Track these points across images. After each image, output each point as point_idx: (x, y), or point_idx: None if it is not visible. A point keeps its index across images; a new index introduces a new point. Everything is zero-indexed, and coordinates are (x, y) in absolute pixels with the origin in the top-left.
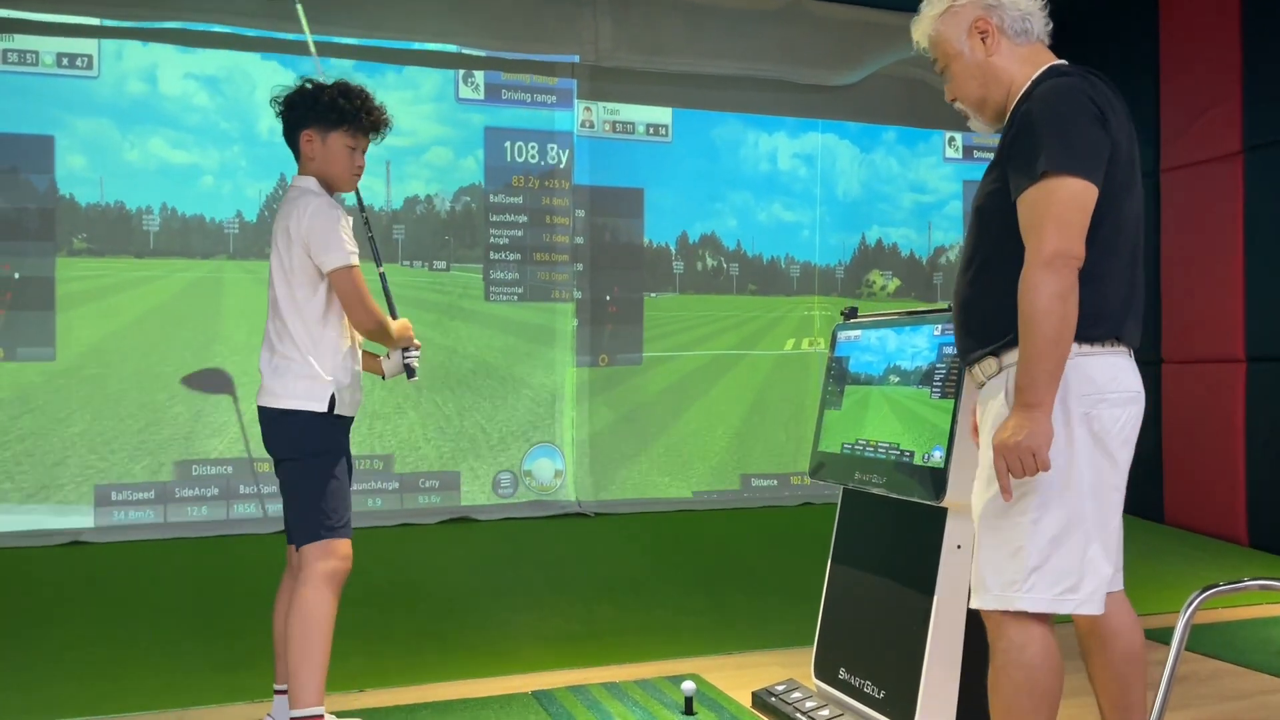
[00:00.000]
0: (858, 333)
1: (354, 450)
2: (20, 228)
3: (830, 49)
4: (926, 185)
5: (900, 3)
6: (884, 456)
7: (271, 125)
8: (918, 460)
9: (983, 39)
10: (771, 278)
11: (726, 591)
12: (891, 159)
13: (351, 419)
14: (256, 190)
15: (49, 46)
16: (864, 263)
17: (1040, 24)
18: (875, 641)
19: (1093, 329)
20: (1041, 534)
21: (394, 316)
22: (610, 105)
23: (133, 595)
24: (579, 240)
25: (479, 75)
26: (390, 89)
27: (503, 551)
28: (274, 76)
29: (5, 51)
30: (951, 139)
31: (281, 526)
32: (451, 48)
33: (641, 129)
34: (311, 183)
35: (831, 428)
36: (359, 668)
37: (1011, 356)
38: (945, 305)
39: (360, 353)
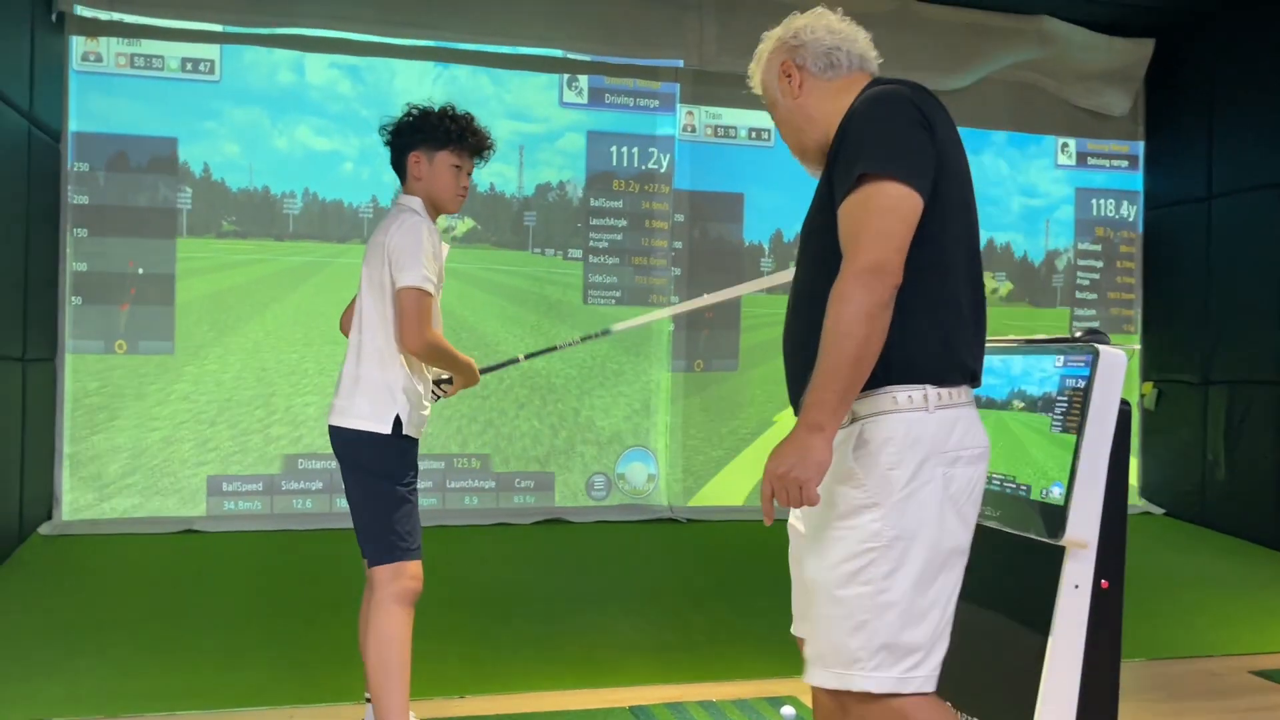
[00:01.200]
0: None
1: (455, 449)
2: (144, 226)
3: (940, 52)
4: (1037, 189)
5: (1013, 4)
6: (998, 489)
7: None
8: (1035, 495)
9: (789, 82)
10: None
11: None
12: (1001, 160)
13: (418, 439)
14: (392, 176)
15: (174, 52)
16: None
17: (853, 54)
18: (985, 678)
19: (947, 370)
20: (892, 606)
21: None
22: (713, 109)
23: (241, 586)
24: (677, 245)
25: (583, 79)
26: (519, 80)
27: (597, 555)
28: (408, 66)
29: (133, 56)
30: (1064, 145)
31: None
32: (556, 52)
33: (744, 133)
34: (416, 202)
35: None
36: (459, 672)
37: (861, 404)
38: (1068, 335)
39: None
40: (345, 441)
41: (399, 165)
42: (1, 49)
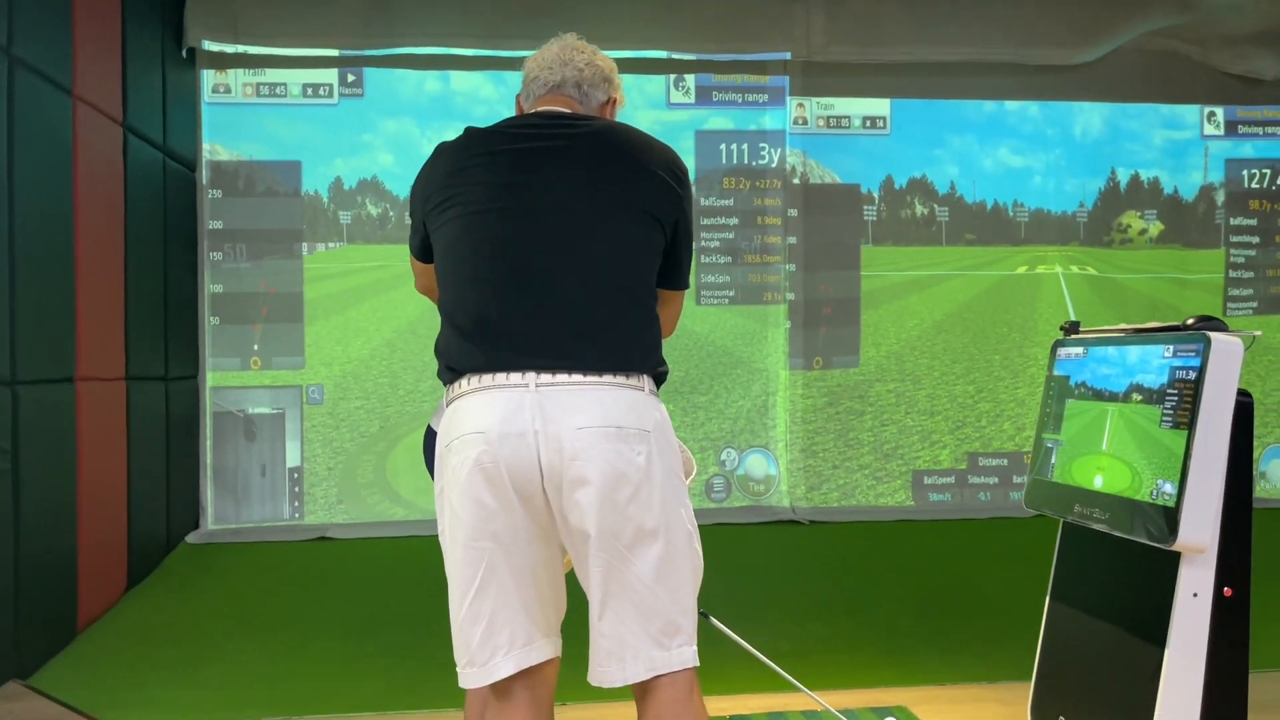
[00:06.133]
0: (1081, 349)
1: None
2: (274, 247)
3: (1067, 24)
4: (1183, 120)
5: None
6: (1106, 489)
7: None
8: (1143, 496)
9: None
10: (994, 226)
11: (945, 613)
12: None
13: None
14: None
15: (295, 79)
16: (1113, 205)
17: (539, 85)
18: (1100, 690)
19: (443, 373)
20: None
21: None
22: (824, 100)
23: (369, 593)
24: (791, 240)
25: (690, 79)
26: (625, 84)
27: (715, 558)
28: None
29: (259, 85)
30: (1211, 114)
31: None
32: (661, 53)
33: (858, 122)
34: None
35: (1049, 454)
36: (562, 676)
37: None
38: (1180, 323)
39: None
40: None
41: None
42: (136, 87)
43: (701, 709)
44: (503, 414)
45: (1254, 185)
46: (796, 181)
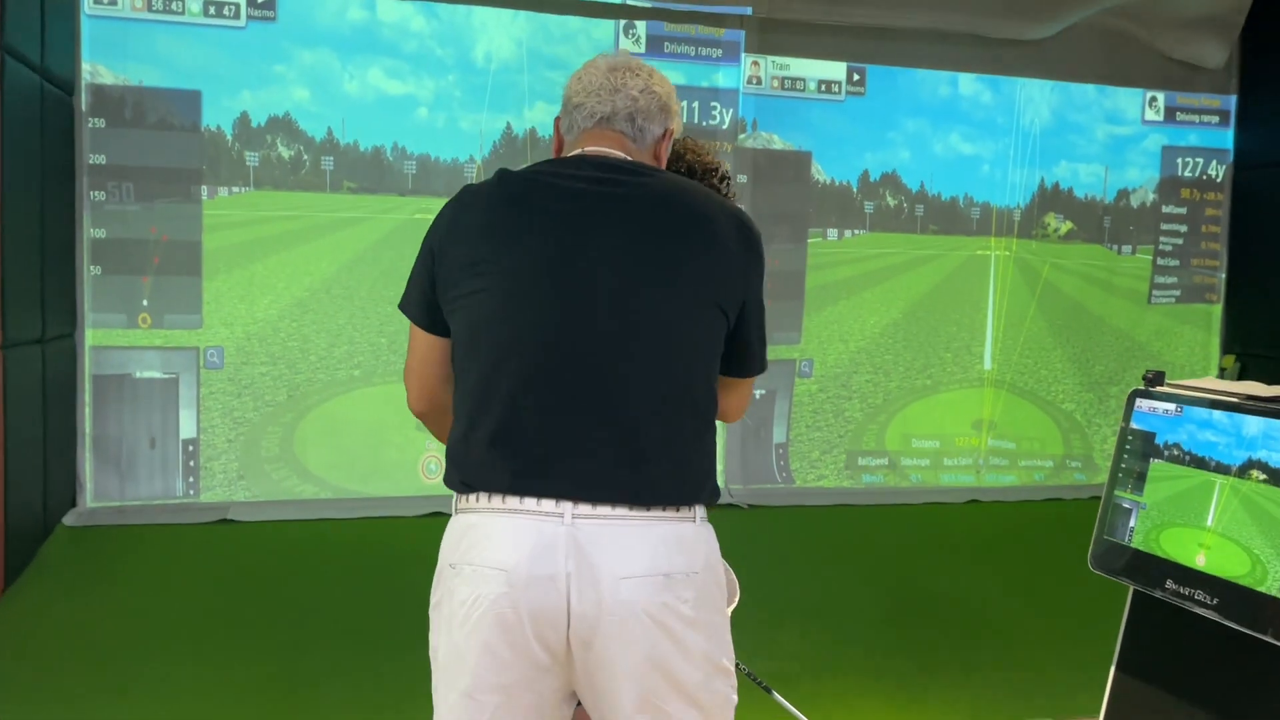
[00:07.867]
0: (1174, 406)
1: None
2: (168, 188)
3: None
4: (1124, 115)
5: None
6: (1212, 571)
7: (486, 51)
8: (1268, 588)
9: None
10: (951, 217)
11: (913, 622)
12: (1085, 101)
13: None
14: (472, 123)
15: None
16: (1042, 205)
17: (583, 115)
18: None
19: (451, 478)
20: None
21: None
22: (780, 60)
23: (288, 587)
24: (740, 208)
25: (641, 26)
26: (556, 42)
27: None
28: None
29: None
30: (1153, 99)
31: None
32: None
33: (813, 85)
34: None
35: (1126, 515)
36: None
37: None
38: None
39: None
40: None
41: None
42: None
43: None
44: (531, 552)
45: (1186, 174)
46: (749, 145)
